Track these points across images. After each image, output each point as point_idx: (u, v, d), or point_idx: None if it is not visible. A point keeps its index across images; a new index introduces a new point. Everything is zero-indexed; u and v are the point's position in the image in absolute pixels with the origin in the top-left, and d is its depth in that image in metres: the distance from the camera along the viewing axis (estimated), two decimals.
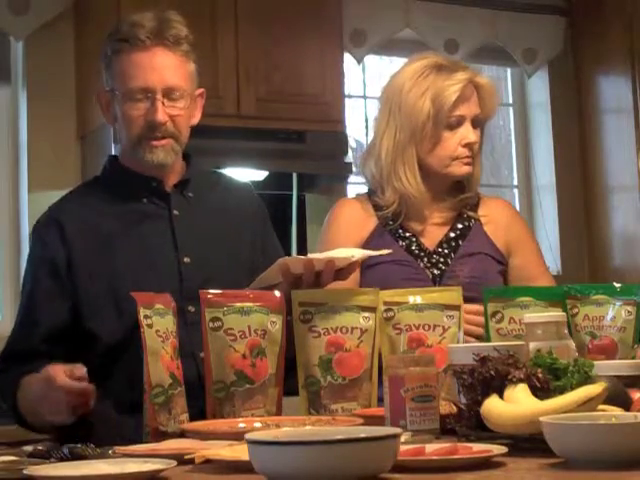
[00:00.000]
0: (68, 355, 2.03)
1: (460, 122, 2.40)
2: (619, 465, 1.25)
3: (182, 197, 2.23)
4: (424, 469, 1.31)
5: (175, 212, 2.20)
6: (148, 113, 2.13)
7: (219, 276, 2.14)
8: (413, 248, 2.38)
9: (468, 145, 2.40)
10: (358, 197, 2.54)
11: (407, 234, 2.40)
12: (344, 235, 2.40)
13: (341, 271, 1.98)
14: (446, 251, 2.39)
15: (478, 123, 2.43)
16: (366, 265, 2.35)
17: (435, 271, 2.35)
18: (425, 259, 2.37)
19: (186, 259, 2.16)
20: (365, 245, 2.37)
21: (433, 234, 2.41)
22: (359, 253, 2.00)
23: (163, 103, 2.12)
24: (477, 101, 2.42)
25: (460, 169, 2.41)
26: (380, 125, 2.45)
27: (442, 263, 2.36)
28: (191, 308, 2.07)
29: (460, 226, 2.43)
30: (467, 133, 2.40)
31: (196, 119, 2.25)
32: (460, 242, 2.41)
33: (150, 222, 2.19)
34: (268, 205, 2.43)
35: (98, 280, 2.11)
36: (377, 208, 2.43)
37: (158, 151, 2.15)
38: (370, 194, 2.47)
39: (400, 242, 2.39)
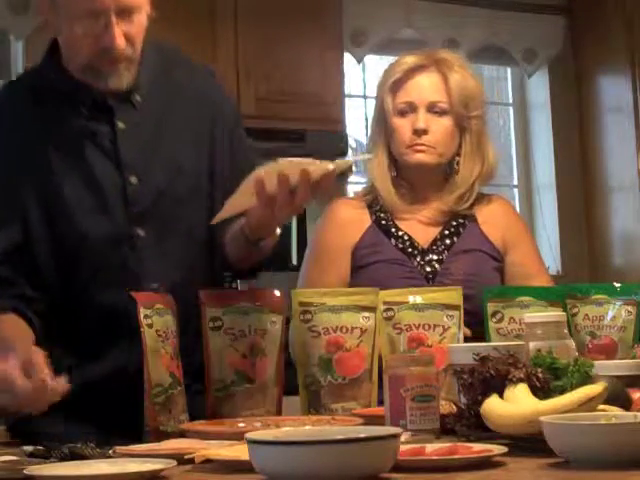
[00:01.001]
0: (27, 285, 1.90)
1: (412, 108, 2.38)
2: (619, 465, 1.25)
3: (129, 105, 1.96)
4: (424, 469, 1.31)
5: (120, 125, 1.94)
6: (102, 38, 1.83)
7: (172, 191, 1.95)
8: (406, 246, 2.37)
9: (417, 132, 2.36)
10: (353, 197, 2.55)
11: (400, 232, 2.39)
12: (336, 236, 2.39)
13: (318, 185, 1.73)
14: (440, 249, 2.37)
15: (444, 112, 2.38)
16: (358, 265, 2.35)
17: (428, 269, 2.34)
18: (419, 257, 2.36)
19: (133, 179, 1.93)
20: (359, 244, 2.37)
21: (426, 232, 2.40)
22: (335, 163, 1.78)
23: (118, 23, 1.83)
24: (441, 89, 2.39)
25: (412, 157, 2.37)
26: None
27: (436, 261, 2.35)
28: (141, 232, 1.92)
29: (454, 224, 2.41)
30: (415, 119, 2.37)
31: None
32: (454, 240, 2.39)
33: (91, 139, 1.93)
34: None
35: (37, 206, 1.90)
36: (371, 206, 2.43)
37: (113, 77, 1.89)
38: (365, 193, 2.47)
39: (393, 240, 2.38)
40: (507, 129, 5.50)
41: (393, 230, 2.38)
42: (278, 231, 1.92)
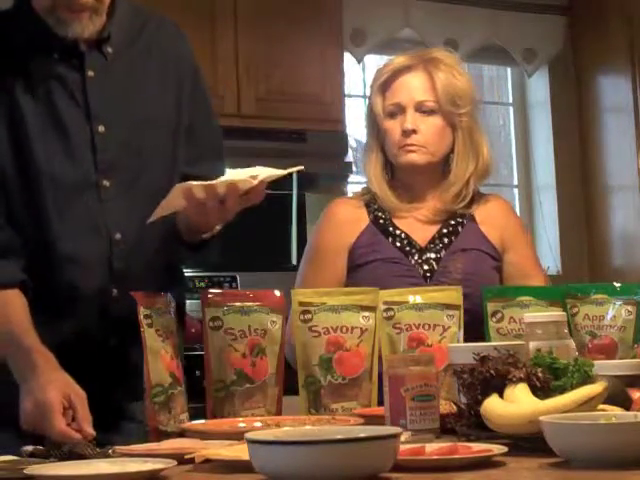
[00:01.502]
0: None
1: (401, 109, 2.38)
2: (619, 465, 1.25)
3: (100, 55, 1.94)
4: (424, 469, 1.31)
5: (90, 73, 1.92)
6: None
7: (138, 143, 1.95)
8: (404, 245, 2.36)
9: (406, 133, 2.36)
10: (351, 196, 2.54)
11: (398, 231, 2.38)
12: (333, 236, 2.39)
13: (247, 195, 1.83)
14: (438, 247, 2.37)
15: (433, 111, 2.38)
16: (356, 264, 2.35)
17: (426, 267, 2.34)
18: (416, 256, 2.35)
19: (100, 128, 1.91)
20: (356, 243, 2.36)
21: (424, 231, 2.39)
22: (264, 173, 1.85)
23: None
24: (427, 88, 2.39)
25: (403, 158, 2.37)
26: None
27: (434, 260, 2.35)
28: (106, 182, 1.91)
29: (452, 222, 2.41)
30: (403, 120, 2.38)
31: None
32: (452, 239, 2.39)
33: (60, 85, 1.91)
34: (268, 205, 2.41)
35: (5, 151, 1.88)
36: (369, 206, 2.43)
37: (74, 26, 1.86)
38: (364, 193, 2.47)
39: (391, 239, 2.37)
40: (507, 129, 5.50)
41: (391, 229, 2.38)
42: (218, 227, 1.93)
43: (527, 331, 1.75)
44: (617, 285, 2.13)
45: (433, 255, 2.35)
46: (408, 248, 2.36)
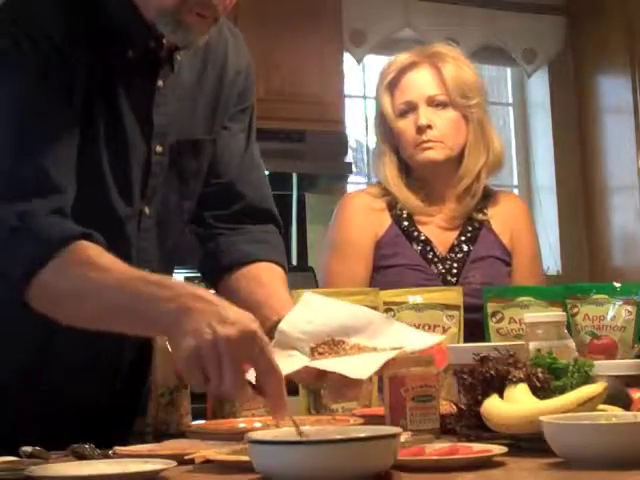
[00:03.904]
0: None
1: (412, 107, 2.37)
2: (619, 465, 1.25)
3: (169, 64, 1.71)
4: (424, 469, 1.31)
5: (160, 83, 1.70)
6: None
7: (179, 168, 1.75)
8: (427, 251, 2.35)
9: (421, 129, 2.34)
10: (370, 191, 2.48)
11: (422, 237, 2.37)
12: (362, 229, 2.36)
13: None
14: (458, 256, 2.35)
15: (445, 105, 2.37)
16: (379, 265, 2.33)
17: (449, 277, 2.32)
18: (439, 265, 2.34)
19: (158, 148, 1.71)
20: (380, 241, 2.35)
21: (444, 237, 2.38)
22: (381, 359, 1.57)
23: None
24: (436, 82, 2.37)
25: (421, 156, 2.35)
26: None
27: (455, 269, 2.34)
28: (147, 210, 1.72)
29: (470, 229, 2.40)
30: (416, 117, 2.36)
31: None
32: (470, 247, 2.37)
33: (131, 92, 1.66)
34: None
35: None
36: (391, 206, 2.41)
37: (195, 31, 1.61)
38: (383, 193, 2.42)
39: (415, 245, 2.35)
40: (507, 129, 5.50)
41: (415, 234, 2.36)
42: None
43: (527, 331, 1.75)
44: (617, 285, 2.13)
45: (455, 264, 2.34)
46: (430, 255, 2.34)
